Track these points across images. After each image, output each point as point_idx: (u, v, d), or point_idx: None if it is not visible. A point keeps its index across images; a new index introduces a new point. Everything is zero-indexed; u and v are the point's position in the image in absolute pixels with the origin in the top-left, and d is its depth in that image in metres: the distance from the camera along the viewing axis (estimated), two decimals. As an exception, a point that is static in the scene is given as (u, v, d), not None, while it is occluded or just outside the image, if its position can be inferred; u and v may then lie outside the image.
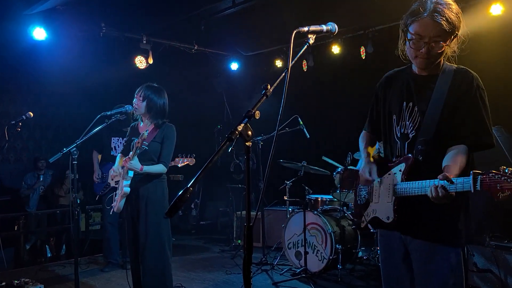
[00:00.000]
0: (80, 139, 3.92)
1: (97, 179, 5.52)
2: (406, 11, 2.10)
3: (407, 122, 2.15)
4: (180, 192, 1.59)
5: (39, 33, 5.73)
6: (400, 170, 2.10)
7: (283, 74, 1.84)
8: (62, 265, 5.79)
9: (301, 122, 5.57)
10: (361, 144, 2.43)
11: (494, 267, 4.06)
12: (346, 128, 7.01)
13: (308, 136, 5.59)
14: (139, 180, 3.64)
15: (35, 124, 7.86)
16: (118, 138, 5.53)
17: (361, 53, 6.44)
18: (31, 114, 4.55)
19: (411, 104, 2.14)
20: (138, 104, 3.69)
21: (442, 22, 1.92)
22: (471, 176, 1.75)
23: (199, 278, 5.12)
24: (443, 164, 1.99)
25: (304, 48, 1.98)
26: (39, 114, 7.41)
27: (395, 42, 2.22)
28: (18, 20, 5.63)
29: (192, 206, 8.45)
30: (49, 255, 6.81)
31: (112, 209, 3.74)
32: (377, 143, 2.47)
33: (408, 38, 2.05)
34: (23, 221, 6.32)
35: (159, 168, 3.64)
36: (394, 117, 2.21)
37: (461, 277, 2.03)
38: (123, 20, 6.19)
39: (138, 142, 3.43)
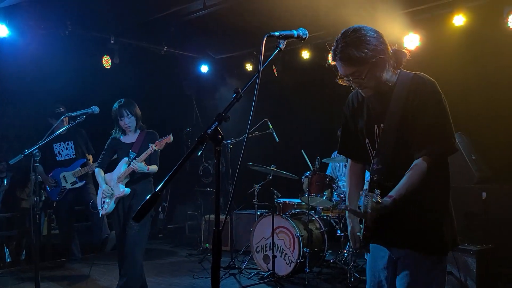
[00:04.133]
0: (43, 140, 3.84)
1: (52, 185, 5.48)
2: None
3: None
4: (148, 196, 1.57)
5: (1, 30, 5.55)
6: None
7: (254, 77, 1.84)
8: (22, 270, 5.58)
9: (271, 126, 5.60)
10: (347, 191, 2.36)
11: (454, 269, 4.19)
12: (316, 133, 7.12)
13: (278, 140, 5.62)
14: (134, 181, 4.02)
15: (-5, 124, 7.54)
16: (60, 143, 5.54)
17: (327, 59, 6.53)
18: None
19: (382, 125, 2.10)
20: (130, 122, 4.04)
21: (347, 63, 2.00)
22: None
23: (165, 282, 5.04)
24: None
25: (275, 53, 1.98)
26: (0, 114, 7.13)
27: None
28: (-21, 15, 5.43)
29: (160, 209, 8.32)
30: (8, 260, 6.54)
31: (100, 213, 4.08)
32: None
33: None
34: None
35: (155, 168, 4.09)
36: (367, 140, 2.19)
37: (443, 283, 2.05)
38: (90, 19, 6.04)
39: (156, 145, 3.85)
